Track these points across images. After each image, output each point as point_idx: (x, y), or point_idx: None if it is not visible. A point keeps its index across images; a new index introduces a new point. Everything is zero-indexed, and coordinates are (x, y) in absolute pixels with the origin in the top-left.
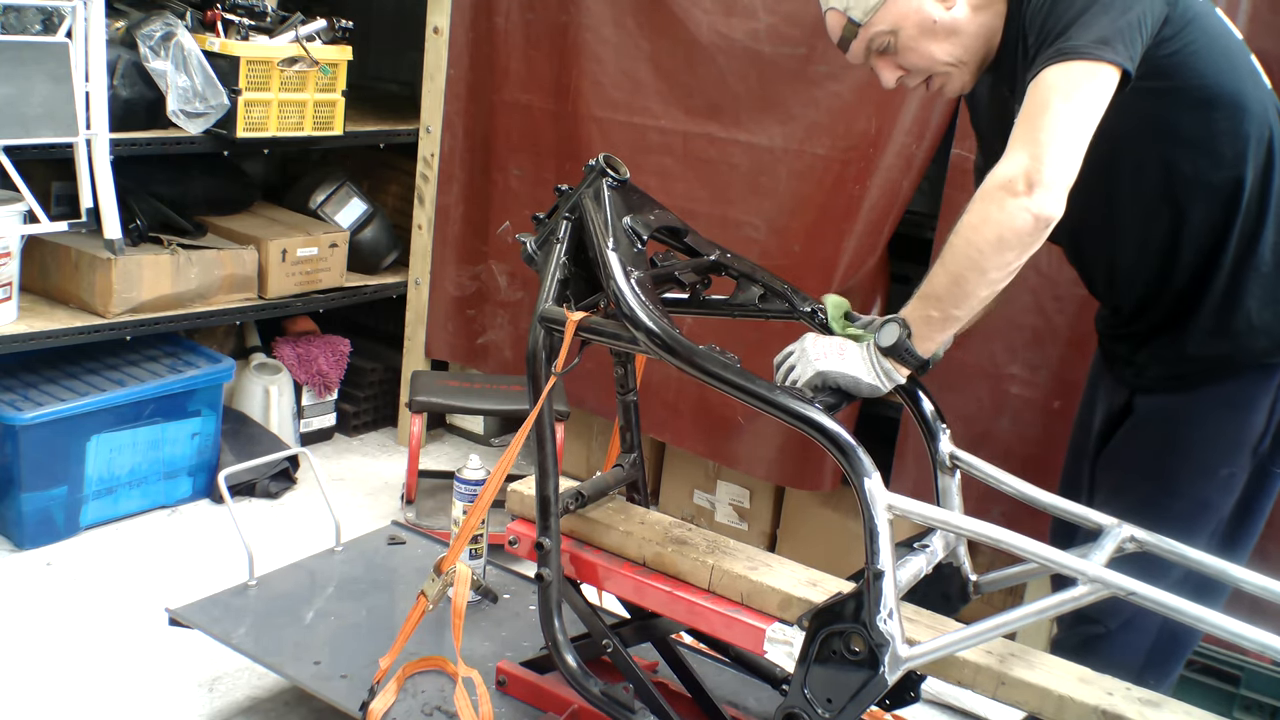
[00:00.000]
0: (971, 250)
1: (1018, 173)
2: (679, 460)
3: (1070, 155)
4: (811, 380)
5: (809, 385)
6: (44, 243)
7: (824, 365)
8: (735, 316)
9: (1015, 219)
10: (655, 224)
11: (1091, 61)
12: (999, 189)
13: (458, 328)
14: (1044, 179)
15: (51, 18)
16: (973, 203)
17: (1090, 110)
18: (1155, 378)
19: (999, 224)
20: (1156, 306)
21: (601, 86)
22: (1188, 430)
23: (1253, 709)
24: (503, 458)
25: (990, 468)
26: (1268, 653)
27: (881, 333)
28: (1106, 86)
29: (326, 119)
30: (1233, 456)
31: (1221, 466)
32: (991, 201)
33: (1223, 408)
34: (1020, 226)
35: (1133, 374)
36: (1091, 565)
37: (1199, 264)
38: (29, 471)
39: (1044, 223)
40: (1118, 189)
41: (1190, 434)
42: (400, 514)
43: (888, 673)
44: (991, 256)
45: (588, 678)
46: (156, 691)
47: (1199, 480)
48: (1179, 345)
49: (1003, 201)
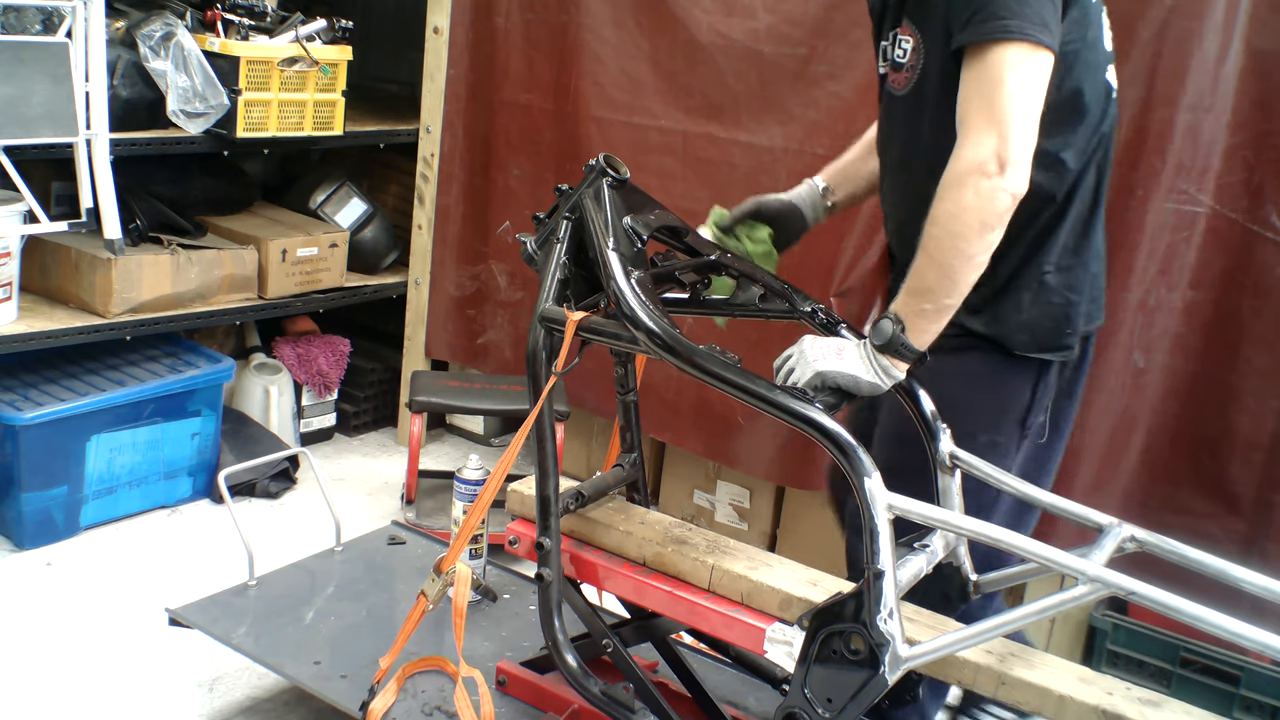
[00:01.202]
0: (956, 240)
1: (988, 155)
2: (679, 460)
3: (1031, 131)
4: (811, 381)
5: (809, 386)
6: (44, 243)
7: (822, 366)
8: (735, 316)
9: (995, 200)
10: (655, 224)
11: (1032, 45)
12: (973, 174)
13: (458, 328)
14: (1013, 157)
15: (51, 18)
16: (944, 189)
17: (1039, 89)
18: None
19: (979, 209)
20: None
21: (601, 86)
22: (950, 388)
23: (1253, 709)
24: (503, 458)
25: (990, 468)
26: (1268, 653)
27: (875, 330)
28: (1046, 68)
29: (326, 119)
30: (994, 426)
31: (980, 433)
32: (967, 187)
33: (984, 377)
34: (1000, 208)
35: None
36: (1091, 565)
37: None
38: (29, 471)
39: (1018, 199)
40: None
41: (954, 392)
42: (400, 514)
43: (888, 672)
44: (975, 241)
45: (588, 677)
46: (156, 691)
47: (961, 440)
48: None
49: (978, 185)
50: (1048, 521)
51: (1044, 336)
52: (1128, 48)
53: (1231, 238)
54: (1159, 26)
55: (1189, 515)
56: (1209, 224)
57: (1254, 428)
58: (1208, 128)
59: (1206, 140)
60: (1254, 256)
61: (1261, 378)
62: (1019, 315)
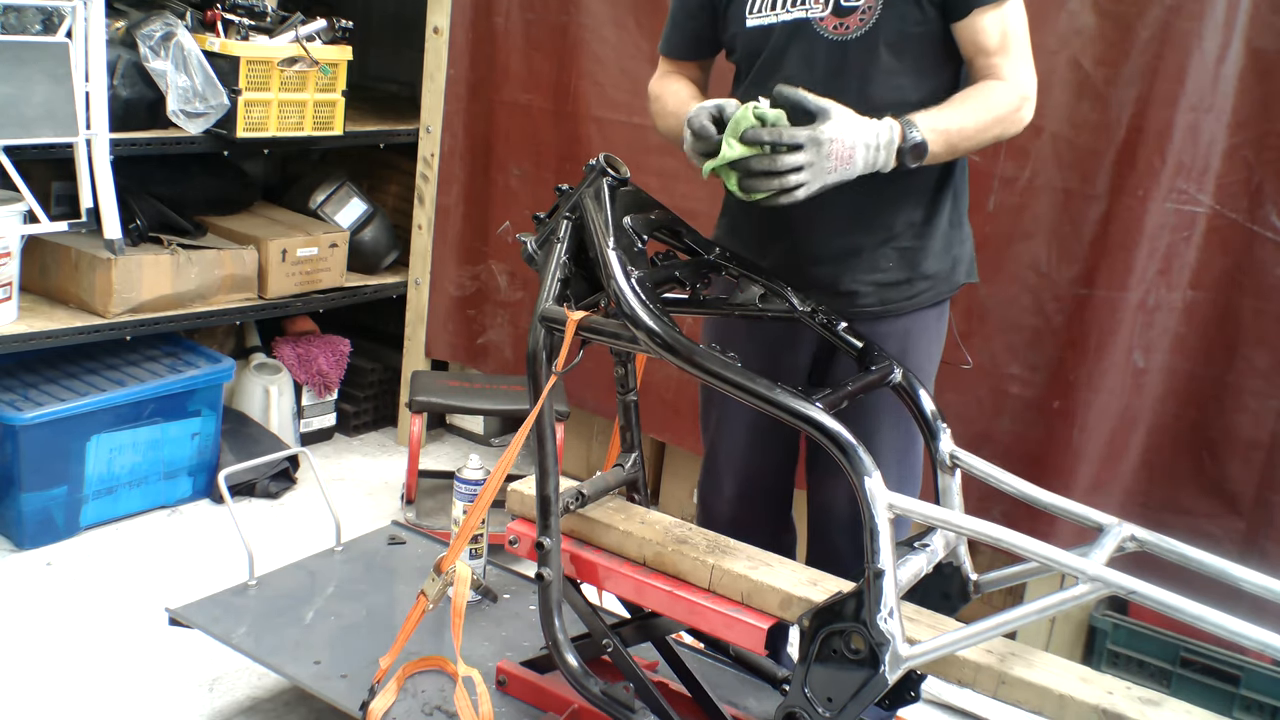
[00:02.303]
0: (991, 128)
1: (1030, 94)
2: (679, 460)
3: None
4: (814, 194)
5: (805, 198)
6: (44, 243)
7: (834, 179)
8: (735, 316)
9: (1020, 125)
10: (656, 223)
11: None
12: (1027, 100)
13: (458, 328)
14: (1034, 103)
15: (51, 18)
16: (1005, 94)
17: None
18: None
19: (1012, 123)
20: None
21: (601, 87)
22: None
23: (1253, 709)
24: (503, 458)
25: (990, 467)
26: (1268, 653)
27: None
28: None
29: (326, 119)
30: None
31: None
32: (1022, 105)
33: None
34: (1017, 133)
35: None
36: (1091, 564)
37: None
38: (29, 471)
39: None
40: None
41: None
42: (400, 514)
43: (888, 672)
44: (990, 140)
45: (588, 677)
46: (156, 691)
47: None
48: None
49: (1019, 108)
50: (1047, 521)
51: (969, 269)
52: (1128, 48)
53: (1231, 238)
54: (1159, 26)
55: (1189, 515)
56: (1209, 224)
57: (1254, 428)
58: (1208, 128)
59: (1206, 140)
60: (1254, 256)
61: (1261, 378)
62: (962, 249)
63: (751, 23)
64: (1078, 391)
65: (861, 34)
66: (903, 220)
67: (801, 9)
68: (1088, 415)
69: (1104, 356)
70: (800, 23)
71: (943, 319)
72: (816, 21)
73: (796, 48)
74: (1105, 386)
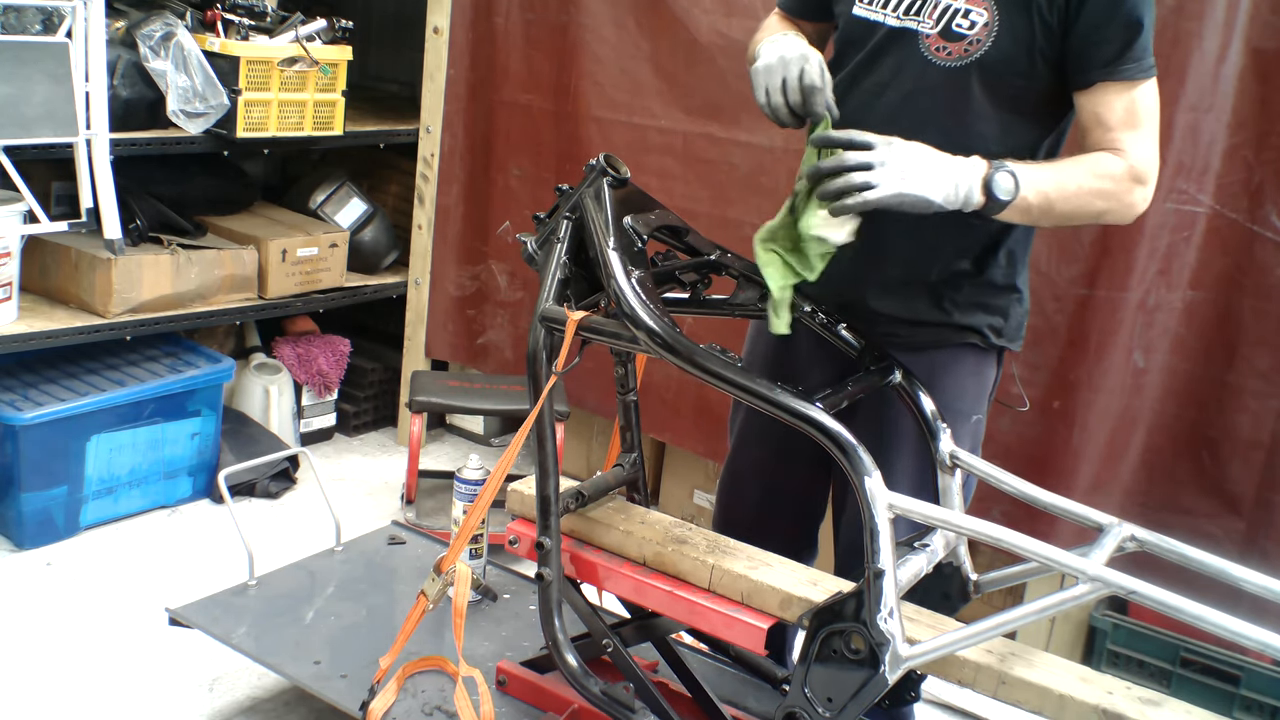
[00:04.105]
0: (1094, 200)
1: (1148, 178)
2: (679, 460)
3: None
4: (885, 201)
5: (871, 198)
6: (44, 243)
7: (908, 188)
8: (735, 316)
9: (1132, 210)
10: (655, 223)
11: (1153, 79)
12: (1136, 181)
13: (458, 328)
14: (1151, 190)
15: (51, 18)
16: (1119, 169)
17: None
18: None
19: (1120, 204)
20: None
21: (601, 87)
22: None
23: (1253, 709)
24: (503, 458)
25: (990, 467)
26: (1268, 652)
27: (1001, 177)
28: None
29: (326, 119)
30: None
31: (974, 413)
32: (1129, 188)
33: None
34: (1129, 217)
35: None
36: (1091, 564)
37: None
38: (29, 471)
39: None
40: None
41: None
42: (400, 514)
43: (888, 672)
44: (1091, 215)
45: (588, 677)
46: (156, 691)
47: (957, 420)
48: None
49: (1132, 190)
50: (1048, 521)
51: (1013, 335)
52: None
53: (1231, 238)
54: (1159, 27)
55: (1189, 515)
56: (1209, 224)
57: (1254, 428)
58: (1208, 128)
59: (1206, 140)
60: (1254, 256)
61: (1261, 378)
62: (1009, 313)
63: (859, 12)
64: (1078, 391)
65: (962, 65)
66: (944, 267)
67: (913, 19)
68: (1088, 415)
69: (1104, 356)
70: (907, 33)
71: (984, 365)
72: (922, 38)
73: (894, 56)
74: (1105, 386)
